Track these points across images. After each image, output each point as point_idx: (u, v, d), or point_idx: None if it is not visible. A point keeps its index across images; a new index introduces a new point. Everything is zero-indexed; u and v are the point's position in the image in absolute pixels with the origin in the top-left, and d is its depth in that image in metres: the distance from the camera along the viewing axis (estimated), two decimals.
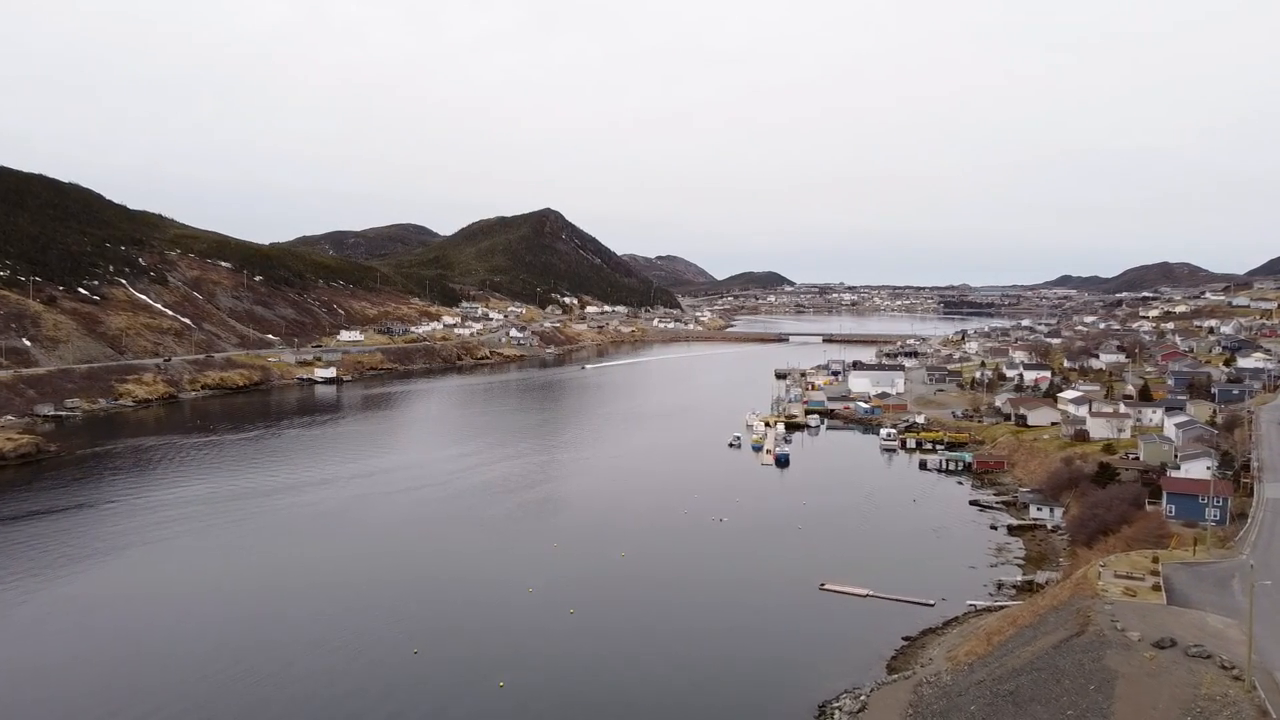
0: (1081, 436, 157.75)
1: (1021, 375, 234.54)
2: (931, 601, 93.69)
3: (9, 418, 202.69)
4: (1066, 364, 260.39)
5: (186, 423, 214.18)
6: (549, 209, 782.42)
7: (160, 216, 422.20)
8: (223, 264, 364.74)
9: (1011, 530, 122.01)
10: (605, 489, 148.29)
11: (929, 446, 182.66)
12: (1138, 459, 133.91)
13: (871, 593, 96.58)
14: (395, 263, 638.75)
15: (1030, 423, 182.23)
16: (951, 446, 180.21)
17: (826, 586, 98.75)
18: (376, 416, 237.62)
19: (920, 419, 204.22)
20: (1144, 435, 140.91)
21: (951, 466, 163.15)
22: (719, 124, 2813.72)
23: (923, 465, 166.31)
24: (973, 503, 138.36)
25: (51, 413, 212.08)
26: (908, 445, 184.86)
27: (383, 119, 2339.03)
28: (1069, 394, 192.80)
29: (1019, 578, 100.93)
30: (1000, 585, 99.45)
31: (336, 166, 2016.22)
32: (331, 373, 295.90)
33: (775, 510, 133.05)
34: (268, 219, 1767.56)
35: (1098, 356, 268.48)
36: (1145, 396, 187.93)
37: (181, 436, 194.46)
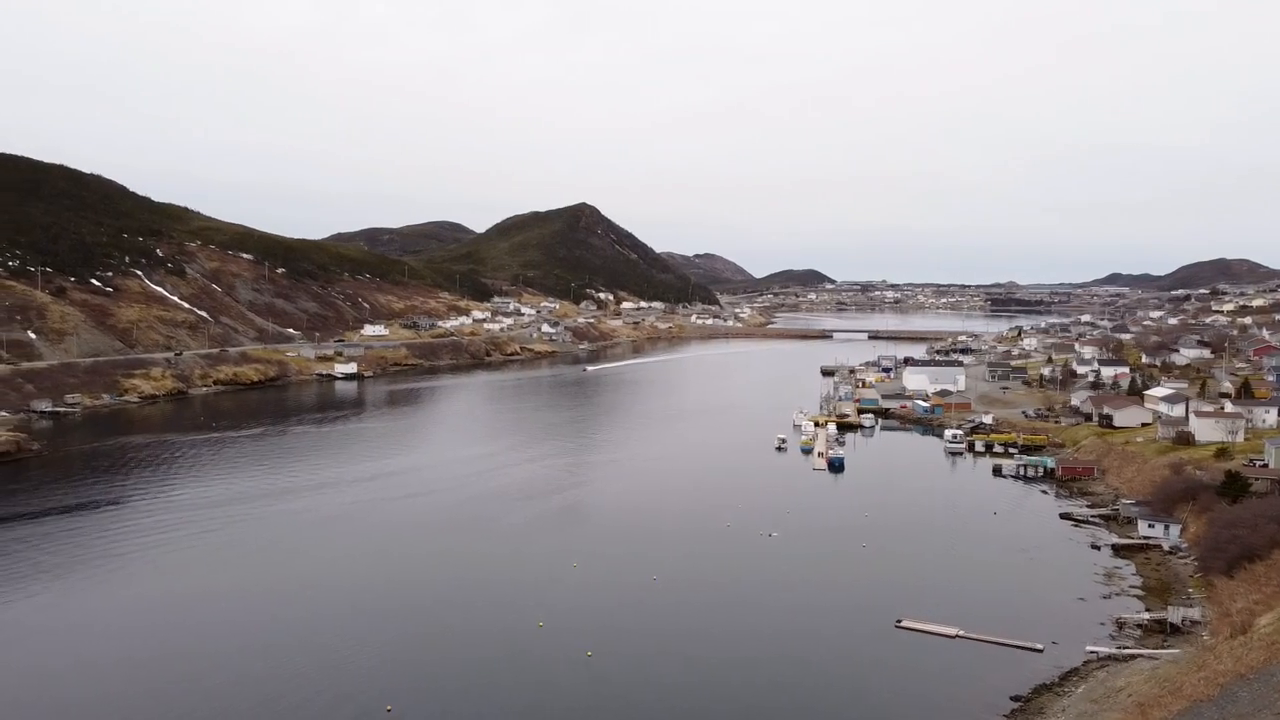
0: (1184, 439, 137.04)
1: (1098, 371, 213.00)
2: (1039, 646, 74.76)
3: (2, 414, 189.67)
4: (1145, 359, 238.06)
5: (191, 420, 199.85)
6: (584, 203, 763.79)
7: (185, 209, 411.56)
8: (244, 256, 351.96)
9: (1118, 550, 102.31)
10: (636, 497, 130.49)
11: (1000, 449, 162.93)
12: (1266, 466, 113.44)
13: (961, 633, 77.82)
14: (427, 258, 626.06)
15: (1116, 423, 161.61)
16: (1027, 449, 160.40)
17: (905, 623, 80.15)
18: (394, 414, 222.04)
19: (988, 419, 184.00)
20: (1273, 440, 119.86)
21: (1030, 473, 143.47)
22: (755, 122, 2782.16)
23: (997, 471, 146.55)
24: (1064, 516, 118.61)
25: (49, 409, 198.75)
26: (976, 448, 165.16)
27: (418, 120, 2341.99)
28: (1159, 391, 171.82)
29: (1144, 615, 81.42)
30: (1121, 625, 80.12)
31: (372, 168, 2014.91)
32: (352, 368, 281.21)
33: (833, 524, 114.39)
34: (303, 219, 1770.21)
35: (1178, 351, 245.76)
36: (1247, 394, 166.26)
37: (180, 435, 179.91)
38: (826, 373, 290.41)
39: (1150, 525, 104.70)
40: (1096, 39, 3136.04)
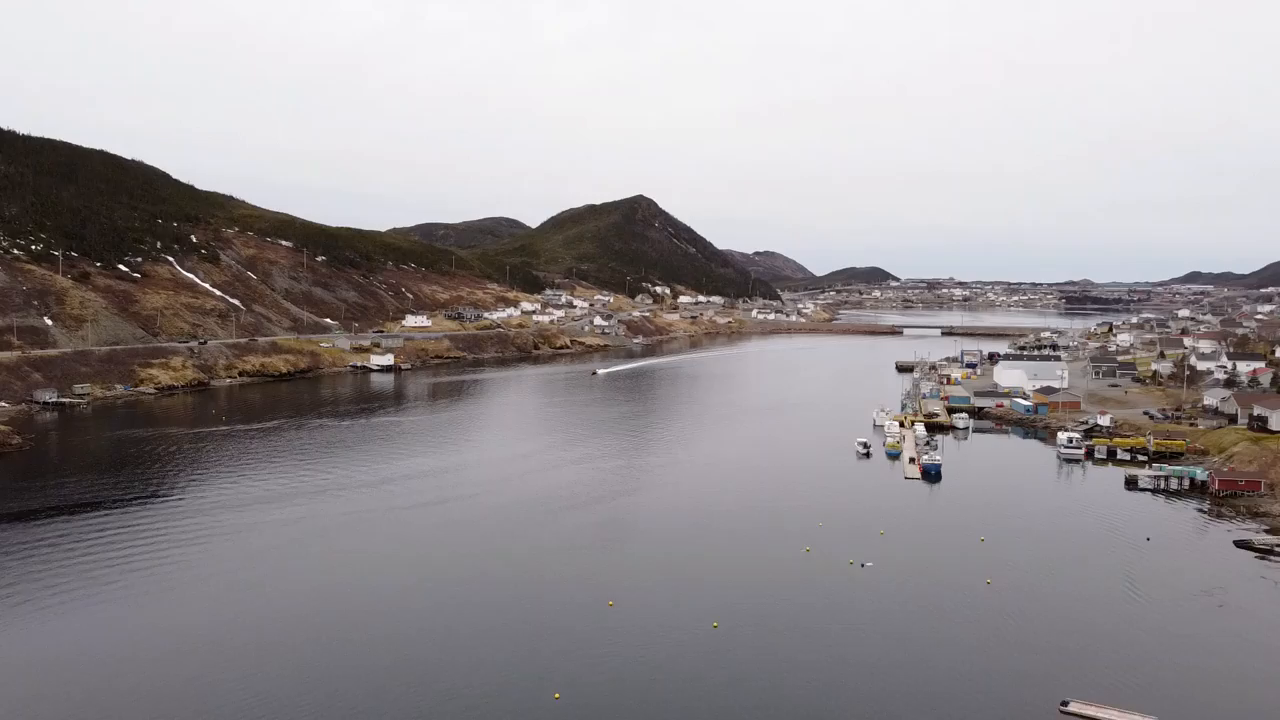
0: None
1: (1232, 367, 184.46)
2: None
3: (1, 404, 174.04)
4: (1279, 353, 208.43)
5: (206, 414, 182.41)
6: (641, 196, 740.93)
7: (228, 197, 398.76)
8: (282, 243, 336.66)
9: None
10: (693, 510, 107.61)
11: (1127, 456, 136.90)
12: None
13: None
14: (481, 252, 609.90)
15: (1272, 426, 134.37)
16: (1160, 456, 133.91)
17: (1073, 706, 56.42)
18: (428, 409, 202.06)
19: (1105, 420, 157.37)
20: None
21: (1174, 485, 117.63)
22: (816, 121, 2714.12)
23: (1130, 483, 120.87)
24: (1241, 544, 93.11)
25: (54, 399, 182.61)
26: (1096, 455, 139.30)
27: (478, 120, 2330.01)
28: None
29: None
30: None
31: (431, 168, 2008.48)
32: (389, 360, 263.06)
33: (941, 550, 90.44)
34: (359, 216, 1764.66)
35: None
36: None
37: (187, 429, 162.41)
38: (903, 369, 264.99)
39: None
40: (1175, 20, 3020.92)
